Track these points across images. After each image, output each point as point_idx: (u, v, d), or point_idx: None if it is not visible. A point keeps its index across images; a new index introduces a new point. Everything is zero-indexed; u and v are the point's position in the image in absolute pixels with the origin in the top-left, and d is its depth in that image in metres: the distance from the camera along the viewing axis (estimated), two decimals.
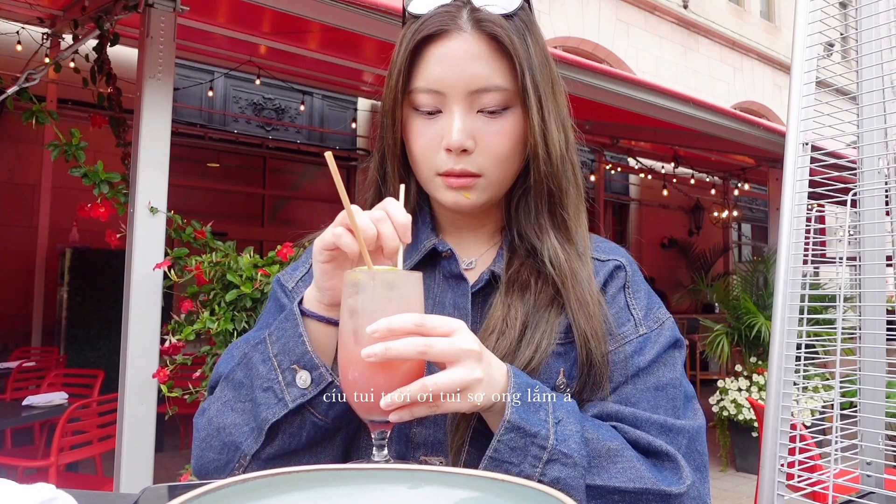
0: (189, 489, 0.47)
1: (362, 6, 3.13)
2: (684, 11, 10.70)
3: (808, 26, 1.43)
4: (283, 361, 0.69)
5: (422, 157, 0.78)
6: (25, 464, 3.28)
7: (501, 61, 0.74)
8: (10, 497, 0.54)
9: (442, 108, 0.75)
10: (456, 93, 0.74)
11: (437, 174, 0.77)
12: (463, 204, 0.78)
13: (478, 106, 0.75)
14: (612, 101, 4.58)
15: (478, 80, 0.73)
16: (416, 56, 0.75)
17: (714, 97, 9.98)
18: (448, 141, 0.74)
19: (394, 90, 0.76)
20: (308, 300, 0.72)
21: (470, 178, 0.76)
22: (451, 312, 0.80)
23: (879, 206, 1.39)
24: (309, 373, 0.68)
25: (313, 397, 0.68)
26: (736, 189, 9.63)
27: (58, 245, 6.02)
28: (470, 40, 0.73)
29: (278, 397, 0.69)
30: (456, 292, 0.81)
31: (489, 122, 0.75)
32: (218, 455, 0.72)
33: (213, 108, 7.28)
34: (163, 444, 3.96)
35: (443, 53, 0.74)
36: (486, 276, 0.81)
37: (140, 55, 2.97)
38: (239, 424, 0.71)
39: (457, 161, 0.75)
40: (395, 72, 0.76)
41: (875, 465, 1.38)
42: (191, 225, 2.87)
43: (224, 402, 0.73)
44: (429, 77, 0.74)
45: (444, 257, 0.82)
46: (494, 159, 0.76)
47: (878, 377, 1.40)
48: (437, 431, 0.75)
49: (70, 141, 2.83)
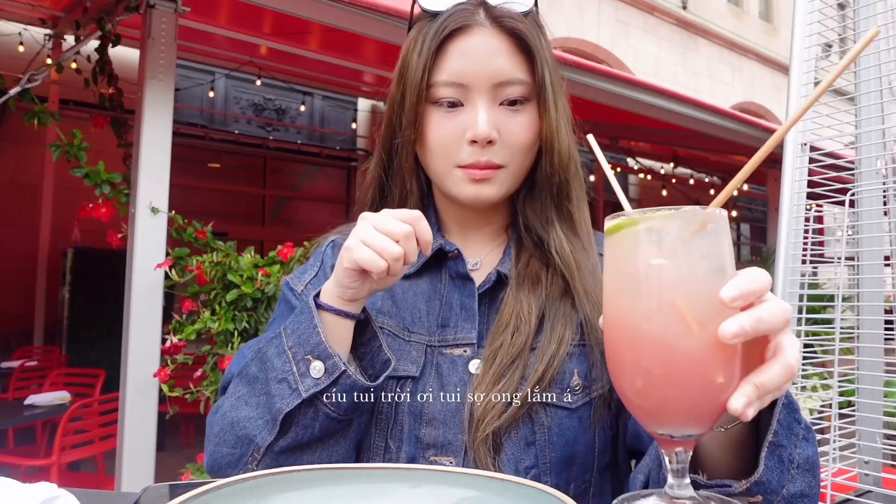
0: (190, 488, 0.47)
1: (363, 7, 3.13)
2: (683, 12, 10.69)
3: (807, 27, 1.44)
4: (297, 353, 0.69)
5: (441, 149, 0.78)
6: (28, 462, 3.28)
7: (520, 56, 0.77)
8: (12, 495, 0.54)
9: (464, 102, 0.77)
10: (480, 85, 0.75)
11: (458, 167, 0.77)
12: (483, 196, 0.78)
13: (500, 99, 0.77)
14: (612, 102, 4.58)
15: (501, 73, 0.75)
16: (438, 51, 0.76)
17: (713, 98, 9.98)
18: (474, 132, 0.75)
19: (417, 86, 0.77)
20: (326, 293, 0.71)
21: (493, 170, 0.77)
22: (459, 313, 0.80)
23: (877, 207, 1.40)
24: (322, 362, 0.68)
25: (326, 386, 0.68)
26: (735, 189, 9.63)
27: (59, 245, 6.02)
28: (490, 36, 0.76)
29: (292, 388, 0.68)
30: (462, 293, 0.81)
31: (511, 115, 0.77)
32: (231, 449, 0.71)
33: (213, 108, 7.28)
34: (164, 444, 3.97)
35: (466, 47, 0.75)
36: (493, 276, 0.81)
37: (141, 56, 2.98)
38: (253, 418, 0.71)
39: (482, 153, 0.76)
40: (418, 67, 0.77)
41: (873, 465, 1.39)
42: (192, 225, 2.88)
43: (238, 397, 0.73)
44: (452, 70, 0.76)
45: (450, 257, 0.83)
46: (517, 151, 0.78)
47: (875, 376, 1.41)
48: (446, 432, 0.74)
49: (72, 141, 2.84)
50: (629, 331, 0.46)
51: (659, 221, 0.46)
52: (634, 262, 0.46)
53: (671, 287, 0.45)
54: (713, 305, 0.44)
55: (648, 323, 0.45)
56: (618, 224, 0.47)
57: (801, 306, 1.36)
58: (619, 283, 0.47)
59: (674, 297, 0.45)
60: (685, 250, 0.45)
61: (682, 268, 0.45)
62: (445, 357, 0.78)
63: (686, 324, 0.44)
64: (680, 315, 0.44)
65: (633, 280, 0.46)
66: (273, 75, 6.29)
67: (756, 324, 0.44)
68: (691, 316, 0.44)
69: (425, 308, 0.82)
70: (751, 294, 0.45)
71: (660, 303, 0.45)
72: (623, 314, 0.47)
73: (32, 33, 4.54)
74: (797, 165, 1.36)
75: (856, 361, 1.42)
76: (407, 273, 0.84)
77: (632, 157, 8.86)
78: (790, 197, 1.35)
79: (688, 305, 0.44)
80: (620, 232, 0.47)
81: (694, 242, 0.45)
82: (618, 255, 0.48)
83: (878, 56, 1.39)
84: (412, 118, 0.78)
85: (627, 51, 9.93)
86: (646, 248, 0.46)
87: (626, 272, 0.47)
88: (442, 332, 0.79)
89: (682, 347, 0.44)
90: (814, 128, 1.41)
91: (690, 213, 0.46)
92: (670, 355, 0.45)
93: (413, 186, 0.84)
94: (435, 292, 0.82)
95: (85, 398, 3.62)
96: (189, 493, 0.46)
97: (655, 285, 0.45)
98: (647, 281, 0.45)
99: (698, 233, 0.45)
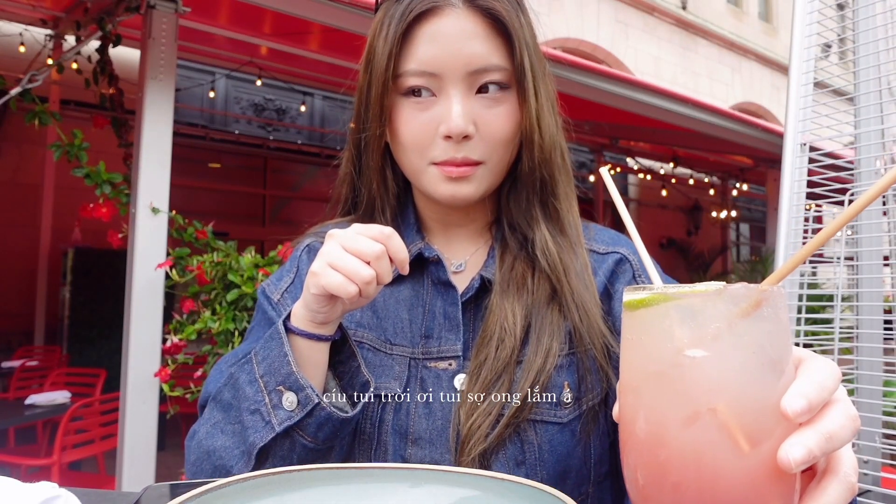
0: (190, 487, 0.47)
1: (362, 7, 3.14)
2: (683, 12, 10.69)
3: (806, 27, 1.44)
4: (269, 382, 0.65)
5: (413, 146, 0.71)
6: (29, 462, 3.28)
7: (498, 39, 0.69)
8: (13, 495, 0.54)
9: (437, 92, 0.69)
10: (453, 74, 0.68)
11: (433, 164, 0.71)
12: (461, 195, 0.71)
13: (476, 87, 0.69)
14: (612, 102, 4.59)
15: (476, 59, 0.68)
16: (405, 38, 0.69)
17: (713, 98, 9.99)
18: (448, 127, 0.68)
19: (382, 76, 0.69)
20: (296, 317, 0.66)
21: (471, 167, 0.70)
22: (442, 322, 0.75)
23: (877, 207, 1.40)
24: (295, 394, 0.64)
25: (301, 419, 0.64)
26: (734, 189, 9.64)
27: (60, 245, 6.03)
28: (463, 17, 0.68)
29: (265, 420, 0.64)
30: (446, 300, 0.75)
31: (489, 105, 0.70)
32: (209, 477, 0.67)
33: (214, 108, 7.28)
34: (164, 443, 3.97)
35: (435, 31, 0.68)
36: (476, 282, 0.75)
37: (142, 56, 2.98)
38: (229, 447, 0.67)
39: (458, 149, 0.69)
40: (383, 55, 0.69)
41: (872, 464, 1.39)
42: (192, 225, 2.88)
43: (213, 423, 0.69)
44: (421, 59, 0.68)
45: (431, 262, 0.77)
46: (496, 144, 0.70)
47: (875, 376, 1.41)
48: (433, 451, 0.70)
49: (73, 141, 2.84)
50: (654, 435, 0.37)
51: (698, 300, 0.36)
52: (662, 349, 0.37)
53: (713, 388, 0.35)
54: (768, 415, 0.35)
55: (680, 430, 0.36)
56: (642, 300, 0.38)
57: (800, 306, 1.37)
58: (641, 371, 0.38)
59: (716, 401, 0.35)
60: (732, 340, 0.35)
61: (729, 363, 0.35)
62: (430, 371, 0.73)
63: (732, 438, 0.35)
64: (723, 426, 0.35)
65: (659, 371, 0.37)
66: (273, 75, 6.30)
67: (827, 445, 0.34)
68: (739, 429, 0.35)
69: (408, 317, 0.76)
70: (820, 404, 0.35)
71: (696, 407, 0.35)
72: (647, 413, 0.37)
73: (33, 33, 4.54)
74: (796, 166, 1.36)
75: (855, 361, 1.42)
76: None
77: (631, 157, 8.87)
78: (789, 197, 1.35)
79: (734, 414, 0.35)
80: (647, 309, 0.38)
81: (744, 329, 0.35)
82: (643, 338, 0.38)
83: (877, 56, 1.40)
84: (377, 111, 0.71)
85: (627, 51, 9.93)
86: (679, 332, 0.36)
87: (652, 358, 0.37)
88: (426, 343, 0.74)
89: (726, 469, 0.35)
90: (813, 128, 1.41)
91: (741, 292, 0.36)
92: (708, 477, 0.35)
93: (384, 185, 0.78)
94: (417, 299, 0.77)
95: (86, 398, 3.62)
96: (189, 493, 0.46)
97: (691, 383, 0.35)
98: (680, 376, 0.36)
99: (750, 316, 0.35)
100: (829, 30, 1.46)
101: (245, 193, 7.99)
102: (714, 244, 11.03)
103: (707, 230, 11.16)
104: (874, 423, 1.40)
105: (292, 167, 8.23)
